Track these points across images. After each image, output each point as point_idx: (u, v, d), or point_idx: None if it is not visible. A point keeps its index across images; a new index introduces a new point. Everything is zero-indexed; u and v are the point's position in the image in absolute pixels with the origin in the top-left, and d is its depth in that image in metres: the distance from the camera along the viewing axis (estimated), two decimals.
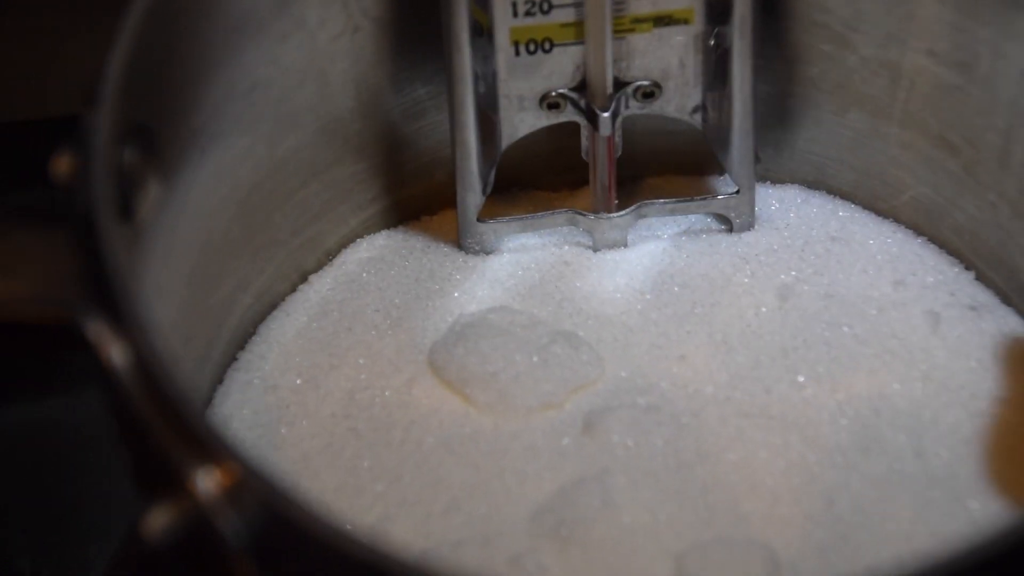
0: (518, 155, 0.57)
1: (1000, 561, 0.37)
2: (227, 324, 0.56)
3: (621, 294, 0.57)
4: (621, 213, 0.58)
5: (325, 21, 0.54)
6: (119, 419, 0.41)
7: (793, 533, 0.50)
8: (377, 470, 0.52)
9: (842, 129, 0.59)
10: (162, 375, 0.39)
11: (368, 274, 0.59)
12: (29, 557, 0.61)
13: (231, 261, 0.55)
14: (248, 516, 0.38)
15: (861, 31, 0.55)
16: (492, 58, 0.54)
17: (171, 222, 0.49)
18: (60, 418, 0.64)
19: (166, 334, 0.46)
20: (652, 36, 0.55)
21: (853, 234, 0.59)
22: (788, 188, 0.61)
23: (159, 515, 0.38)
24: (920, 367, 0.54)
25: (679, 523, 0.50)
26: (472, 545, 0.50)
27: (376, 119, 0.57)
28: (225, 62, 0.50)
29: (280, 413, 0.54)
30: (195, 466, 0.38)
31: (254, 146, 0.54)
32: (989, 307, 0.57)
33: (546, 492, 0.51)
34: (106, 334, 0.40)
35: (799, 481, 0.51)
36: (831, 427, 0.53)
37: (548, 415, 0.53)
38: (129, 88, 0.44)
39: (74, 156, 0.43)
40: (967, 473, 0.51)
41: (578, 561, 0.49)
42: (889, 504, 0.50)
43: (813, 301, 0.57)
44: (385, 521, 0.51)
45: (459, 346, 0.55)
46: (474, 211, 0.58)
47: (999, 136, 0.54)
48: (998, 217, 0.56)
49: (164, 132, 0.47)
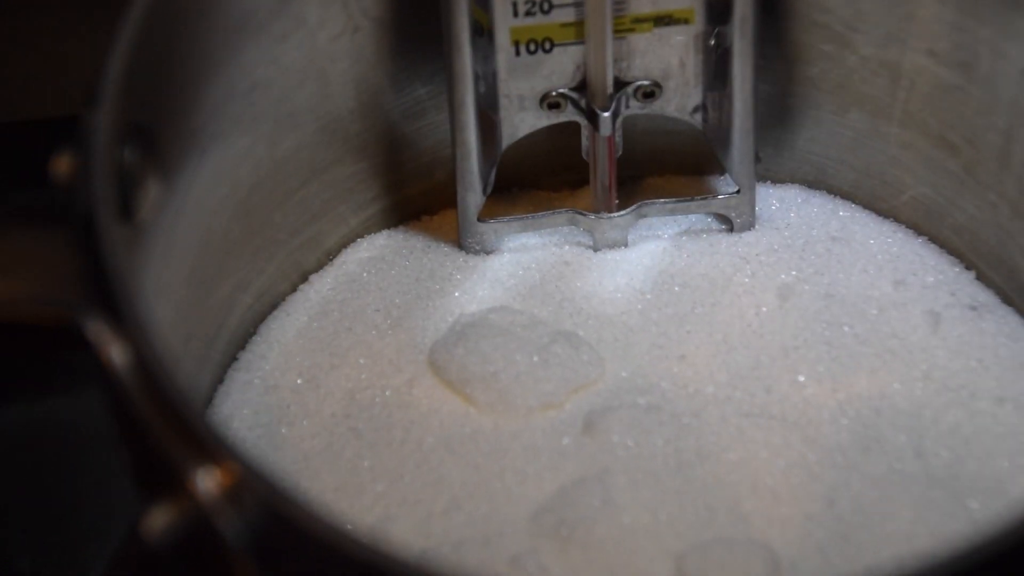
0: (518, 155, 0.57)
1: (1000, 561, 0.37)
2: (227, 324, 0.56)
3: (621, 294, 0.57)
4: (621, 213, 0.58)
5: (325, 21, 0.54)
6: (119, 419, 0.41)
7: (793, 533, 0.50)
8: (378, 470, 0.52)
9: (842, 129, 0.59)
10: (162, 375, 0.39)
11: (368, 274, 0.59)
12: (29, 557, 0.61)
13: (231, 261, 0.55)
14: (248, 516, 0.38)
15: (861, 31, 0.55)
16: (492, 58, 0.54)
17: (171, 222, 0.48)
18: (60, 418, 0.64)
19: (166, 334, 0.46)
20: (652, 36, 0.55)
21: (853, 234, 0.59)
22: (788, 188, 0.61)
23: (159, 515, 0.38)
24: (920, 367, 0.54)
25: (680, 523, 0.50)
26: (472, 545, 0.50)
27: (376, 119, 0.57)
28: (225, 62, 0.50)
29: (280, 413, 0.54)
30: (195, 466, 0.38)
31: (254, 146, 0.54)
32: (989, 307, 0.57)
33: (546, 492, 0.51)
34: (106, 334, 0.40)
35: (799, 481, 0.51)
36: (831, 427, 0.53)
37: (548, 415, 0.53)
38: (129, 88, 0.44)
39: (74, 156, 0.43)
40: (967, 473, 0.51)
41: (578, 561, 0.49)
42: (889, 504, 0.50)
43: (813, 301, 0.57)
44: (385, 521, 0.51)
45: (459, 346, 0.55)
46: (474, 211, 0.58)
47: (999, 136, 0.54)
48: (998, 217, 0.56)
49: (164, 132, 0.47)
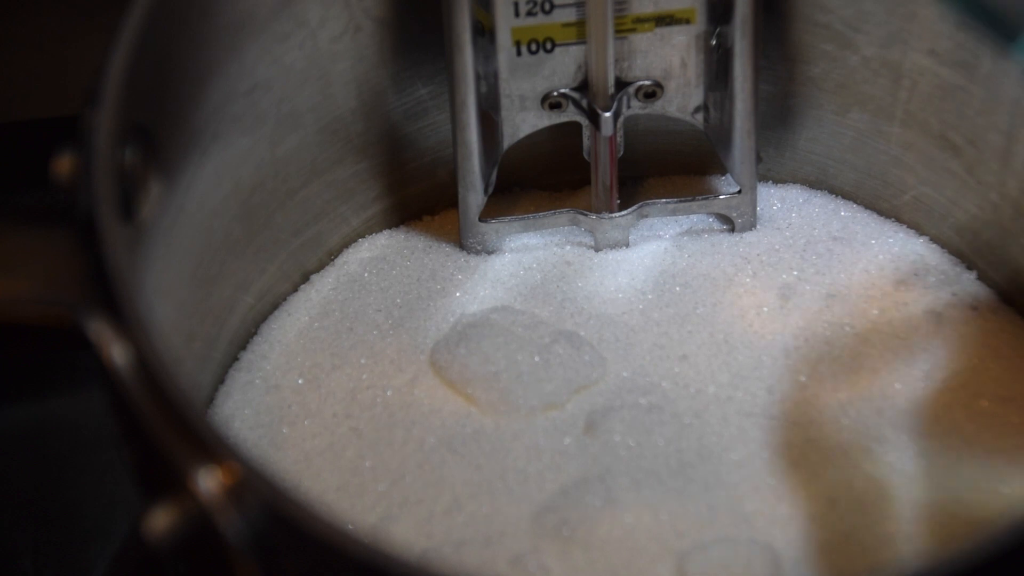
0: (520, 155, 0.57)
1: (1000, 561, 0.37)
2: (228, 324, 0.56)
3: (623, 294, 0.57)
4: (623, 213, 0.58)
5: (326, 21, 0.54)
6: (120, 419, 0.41)
7: (795, 533, 0.50)
8: (379, 470, 0.52)
9: (844, 129, 0.59)
10: (163, 375, 0.39)
11: (370, 274, 0.59)
12: (31, 557, 0.61)
13: (232, 261, 0.55)
14: (250, 516, 0.38)
15: (863, 31, 0.55)
16: (494, 58, 0.54)
17: (172, 222, 0.49)
18: (62, 418, 0.64)
19: (167, 334, 0.46)
20: (654, 36, 0.55)
21: (855, 234, 0.59)
22: (790, 188, 0.61)
23: (161, 515, 0.38)
24: (922, 367, 0.54)
25: (681, 523, 0.50)
26: (474, 545, 0.50)
27: (378, 119, 0.57)
28: (226, 62, 0.50)
29: (282, 413, 0.54)
30: (197, 466, 0.38)
31: (255, 146, 0.54)
32: (991, 307, 0.57)
33: (548, 492, 0.51)
34: (107, 334, 0.40)
35: (801, 481, 0.51)
36: (833, 427, 0.53)
37: (550, 415, 0.53)
38: (130, 88, 0.44)
39: (75, 156, 0.43)
40: (967, 473, 0.51)
41: (580, 561, 0.49)
42: (891, 504, 0.50)
43: (815, 301, 0.57)
44: (387, 521, 0.51)
45: (461, 346, 0.55)
46: (476, 211, 0.58)
47: (1001, 136, 0.54)
48: (1000, 217, 0.56)
49: (165, 132, 0.47)
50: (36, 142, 0.47)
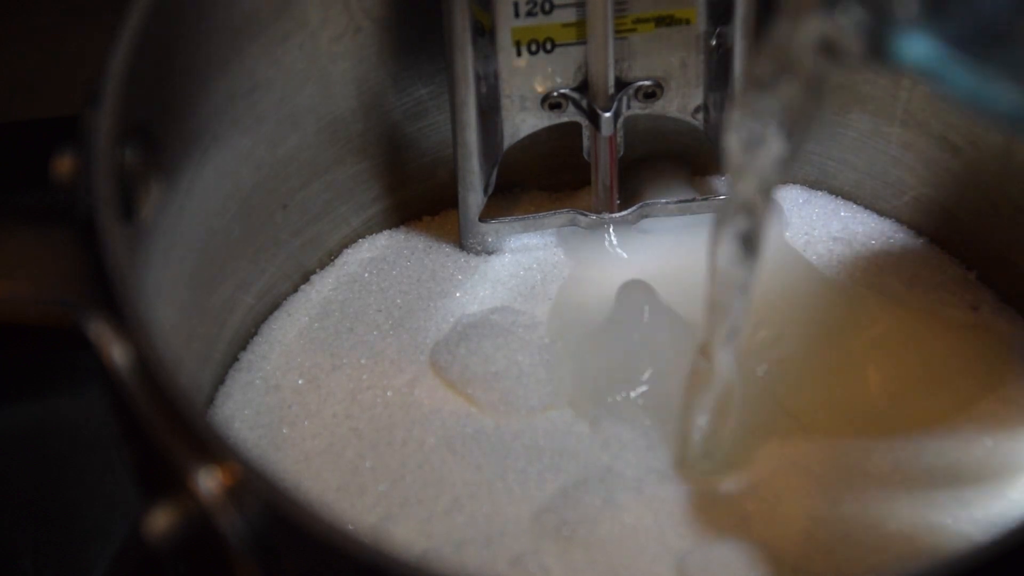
0: (520, 155, 0.57)
1: (1000, 561, 0.37)
2: (229, 324, 0.56)
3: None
4: (623, 213, 0.58)
5: (327, 22, 0.54)
6: (121, 419, 0.41)
7: (796, 533, 0.50)
8: (379, 470, 0.52)
9: (844, 129, 0.59)
10: (164, 375, 0.39)
11: (370, 274, 0.59)
12: (31, 557, 0.61)
13: (233, 261, 0.55)
14: (250, 516, 0.38)
15: None
16: (494, 58, 0.54)
17: (172, 222, 0.49)
18: (62, 418, 0.64)
19: (167, 334, 0.46)
20: (654, 36, 0.55)
21: (855, 234, 0.59)
22: (790, 188, 0.61)
23: (161, 515, 0.38)
24: (923, 367, 0.54)
25: (681, 523, 0.50)
26: (474, 545, 0.50)
27: (378, 119, 0.57)
28: (227, 62, 0.50)
29: (282, 413, 0.54)
30: (197, 466, 0.38)
31: (256, 146, 0.54)
32: (991, 307, 0.57)
33: (548, 492, 0.51)
34: (107, 334, 0.40)
35: (802, 481, 0.51)
36: (834, 426, 0.53)
37: (550, 415, 0.53)
38: (130, 88, 0.44)
39: (75, 156, 0.43)
40: (968, 473, 0.51)
41: (580, 561, 0.49)
42: (891, 504, 0.50)
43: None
44: (387, 521, 0.51)
45: (461, 346, 0.55)
46: (476, 211, 0.58)
47: (1001, 136, 0.54)
48: (1000, 217, 0.56)
49: (165, 132, 0.47)
50: (36, 142, 0.47)
